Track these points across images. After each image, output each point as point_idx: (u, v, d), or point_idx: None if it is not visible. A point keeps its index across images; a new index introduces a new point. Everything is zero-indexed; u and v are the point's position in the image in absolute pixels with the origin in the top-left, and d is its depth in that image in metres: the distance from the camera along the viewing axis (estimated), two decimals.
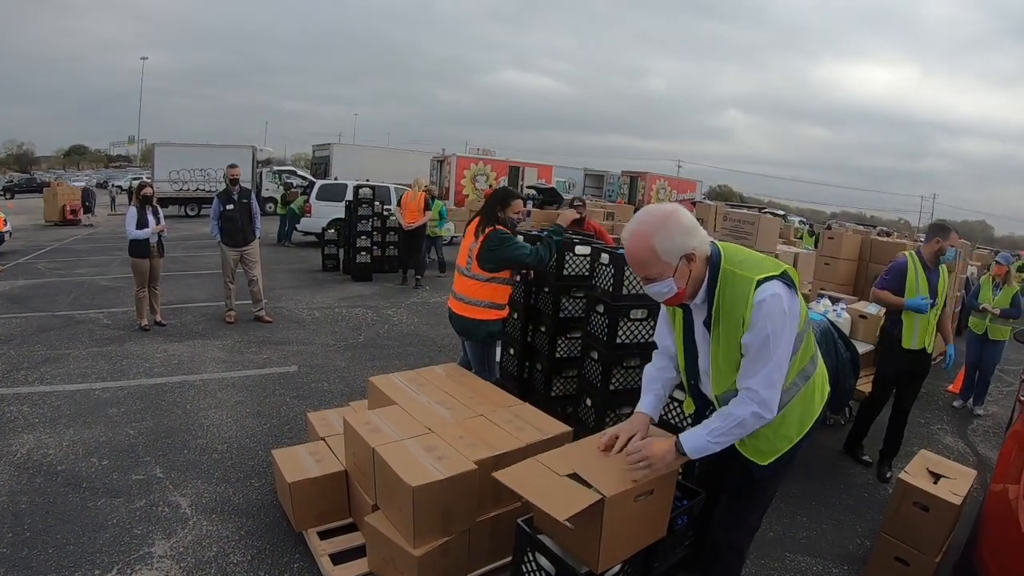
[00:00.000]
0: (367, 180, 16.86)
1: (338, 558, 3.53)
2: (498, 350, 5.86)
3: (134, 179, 35.86)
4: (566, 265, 5.13)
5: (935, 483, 3.86)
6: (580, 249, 5.13)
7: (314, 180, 21.33)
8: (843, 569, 4.09)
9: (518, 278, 5.32)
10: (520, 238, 5.06)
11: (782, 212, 33.29)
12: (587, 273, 5.07)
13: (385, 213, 14.01)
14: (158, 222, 8.13)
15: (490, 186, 26.11)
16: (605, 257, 4.60)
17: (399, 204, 12.65)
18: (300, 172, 30.51)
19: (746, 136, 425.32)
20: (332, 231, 14.41)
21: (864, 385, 6.07)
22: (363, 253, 13.04)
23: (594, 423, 4.63)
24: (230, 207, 8.53)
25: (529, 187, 26.83)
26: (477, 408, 3.85)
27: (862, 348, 5.90)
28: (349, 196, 14.66)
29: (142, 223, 7.95)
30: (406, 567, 3.12)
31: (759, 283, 2.36)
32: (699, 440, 2.50)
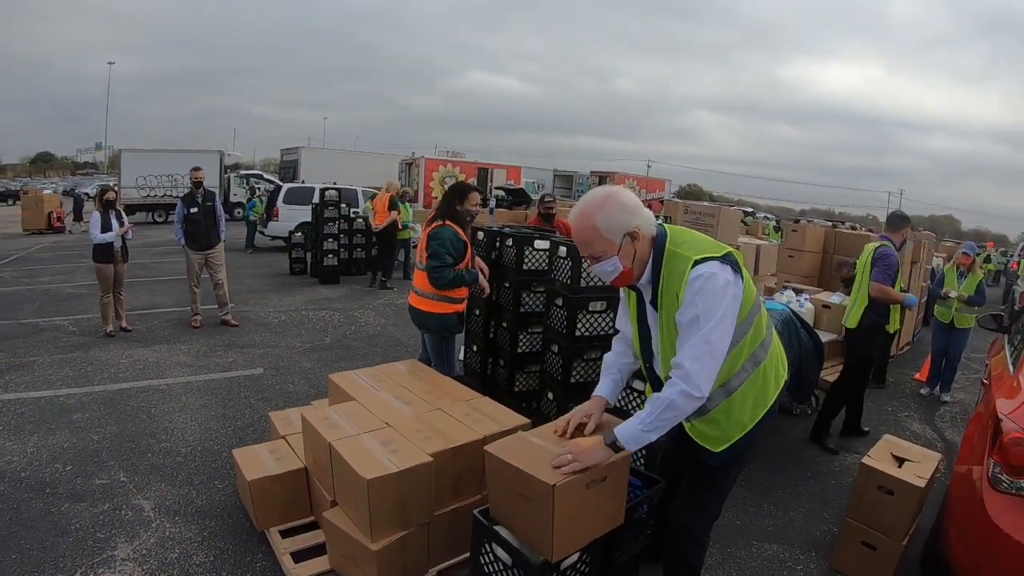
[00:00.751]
0: (334, 183, 16.82)
1: (299, 556, 3.54)
2: (461, 348, 5.91)
3: (101, 186, 35.51)
4: (526, 260, 5.19)
5: (899, 467, 3.91)
6: (539, 243, 5.19)
7: (281, 184, 21.20)
8: (810, 555, 4.14)
9: None
10: (480, 234, 5.15)
11: (751, 210, 33.52)
12: (546, 267, 5.13)
13: (352, 215, 14.00)
14: (122, 225, 8.09)
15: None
16: (563, 250, 4.65)
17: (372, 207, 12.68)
18: (267, 176, 30.33)
19: (716, 136, 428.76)
20: (299, 234, 14.39)
21: (830, 375, 6.22)
22: (330, 256, 13.00)
23: (556, 417, 4.68)
24: (194, 210, 8.49)
25: (498, 188, 26.93)
26: (435, 402, 3.87)
27: (825, 337, 6.03)
28: (317, 199, 14.59)
29: (106, 227, 7.91)
30: (365, 562, 3.13)
31: (696, 263, 2.39)
32: (632, 430, 2.48)
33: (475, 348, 5.84)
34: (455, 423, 3.60)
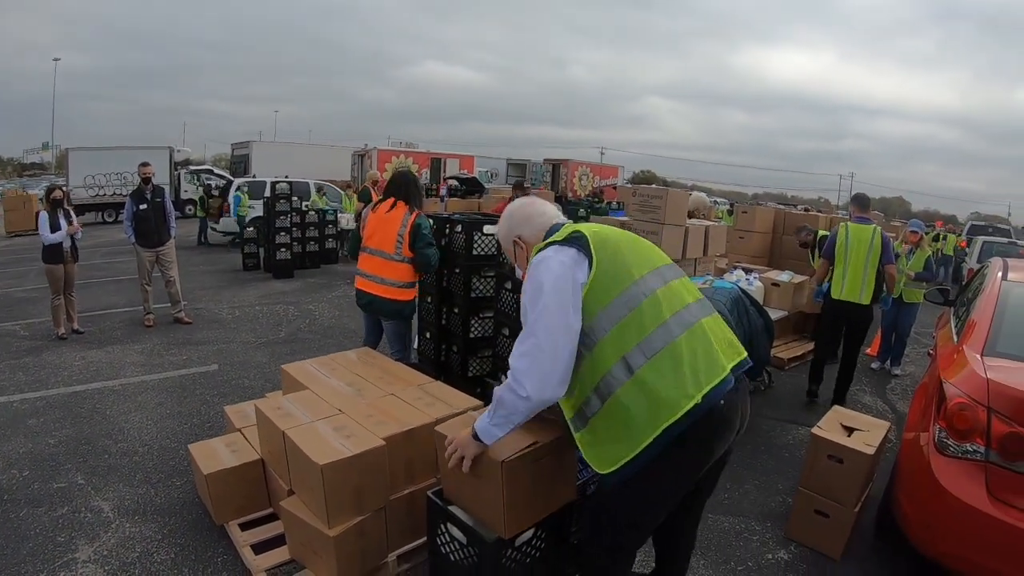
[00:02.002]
0: (286, 177, 16.70)
1: (260, 548, 3.55)
2: (416, 335, 5.97)
3: (48, 185, 34.71)
4: (475, 245, 5.24)
5: (848, 436, 4.03)
6: (488, 228, 5.24)
7: (231, 179, 20.98)
8: (766, 526, 4.26)
9: None
10: (430, 221, 5.22)
11: (703, 195, 33.81)
12: (495, 252, 5.20)
13: (304, 208, 13.99)
14: (70, 224, 7.98)
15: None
16: None
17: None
18: (217, 171, 29.96)
19: (670, 122, 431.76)
20: (251, 229, 14.26)
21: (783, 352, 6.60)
22: (283, 250, 12.93)
23: None
24: (144, 207, 8.40)
25: (450, 178, 26.91)
26: (388, 388, 3.90)
27: (776, 315, 6.21)
28: (268, 194, 14.50)
29: (55, 227, 7.80)
30: (323, 549, 3.17)
31: (538, 251, 2.34)
32: (483, 423, 2.40)
33: (428, 335, 5.89)
34: (407, 407, 3.64)
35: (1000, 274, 4.68)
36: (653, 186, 9.80)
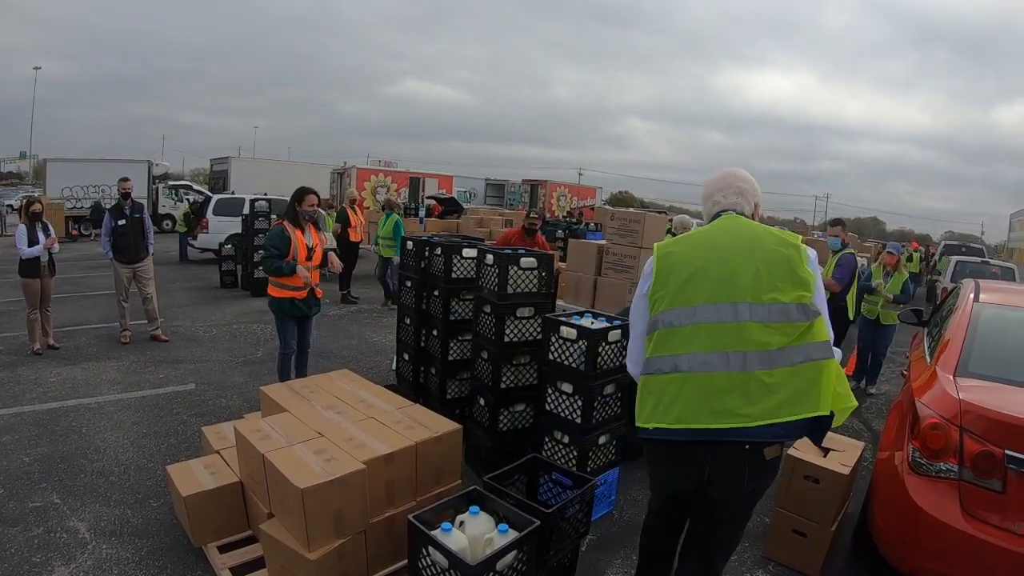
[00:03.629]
0: (264, 194, 16.64)
1: (239, 571, 3.56)
2: (394, 357, 6.01)
3: (26, 197, 34.31)
4: (454, 268, 5.29)
5: (824, 456, 4.08)
6: (467, 252, 5.29)
7: (210, 195, 20.88)
8: (743, 545, 4.28)
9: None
10: (409, 243, 5.28)
11: (686, 216, 34.09)
12: (474, 275, 5.24)
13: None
14: (48, 237, 7.91)
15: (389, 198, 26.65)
16: (490, 258, 4.77)
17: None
18: (196, 187, 29.82)
19: (648, 143, 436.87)
20: (229, 246, 14.19)
21: None
22: (261, 268, 12.67)
23: (488, 422, 4.80)
24: (122, 222, 8.38)
25: (429, 197, 27.02)
26: (367, 411, 3.94)
27: None
28: (247, 211, 14.41)
29: (33, 241, 7.74)
30: (303, 572, 3.18)
31: None
32: None
33: (407, 357, 5.92)
34: (388, 431, 3.68)
35: (972, 295, 4.77)
36: (631, 210, 9.90)
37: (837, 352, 2.55)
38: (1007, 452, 3.14)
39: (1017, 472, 3.13)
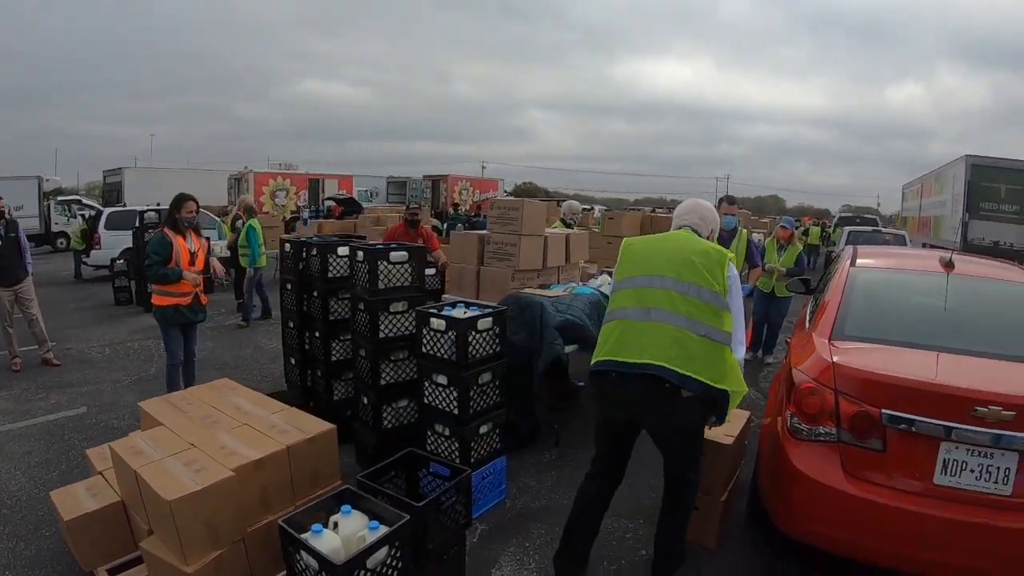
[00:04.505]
0: (158, 204, 16.24)
1: None
2: (286, 363, 6.04)
3: None
4: (330, 268, 5.31)
5: (708, 428, 4.24)
6: (341, 250, 5.30)
7: (101, 208, 20.29)
8: (639, 523, 4.43)
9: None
10: (287, 245, 5.34)
11: (589, 207, 34.51)
12: (349, 273, 5.25)
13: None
14: None
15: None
16: (360, 255, 4.81)
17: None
18: (86, 201, 28.90)
19: (551, 134, 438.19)
20: (121, 261, 13.73)
21: None
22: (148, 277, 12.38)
23: (373, 420, 4.84)
24: None
25: (328, 199, 26.81)
26: (243, 418, 3.91)
27: None
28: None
29: None
30: None
31: None
32: None
33: (293, 361, 5.93)
34: (260, 436, 3.66)
35: (849, 261, 4.90)
36: (510, 199, 10.01)
37: (741, 350, 3.35)
38: (884, 411, 3.23)
39: (896, 430, 3.23)
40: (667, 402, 3.17)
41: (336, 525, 2.95)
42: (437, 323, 4.28)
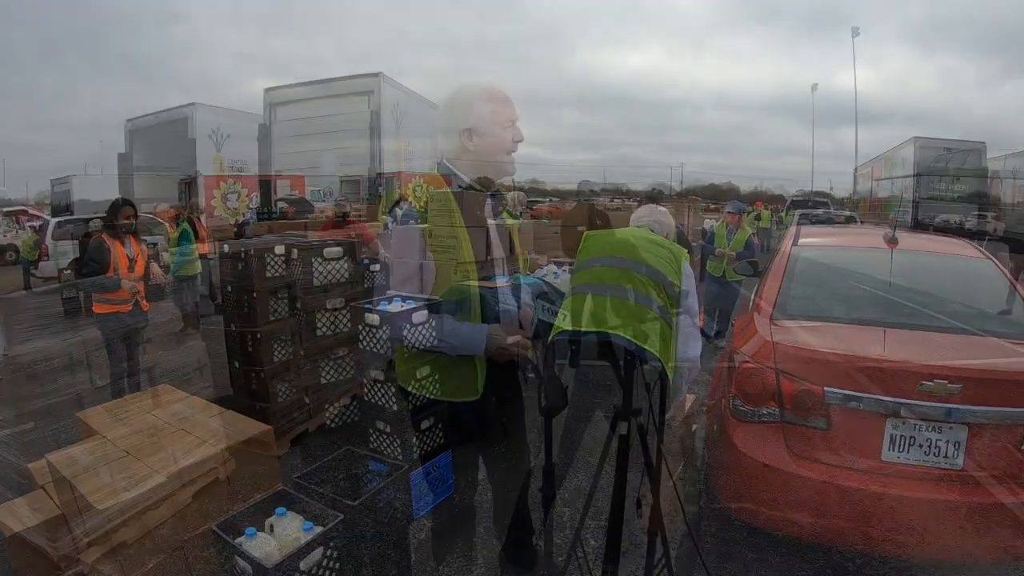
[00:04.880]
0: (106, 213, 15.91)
1: None
2: None
3: None
4: (268, 267, 5.26)
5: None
6: (278, 249, 5.26)
7: (48, 219, 19.93)
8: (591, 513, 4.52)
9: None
10: (225, 246, 5.39)
11: (521, 193, 34.54)
12: (285, 272, 5.23)
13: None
14: None
15: (242, 203, 26.21)
16: (296, 253, 4.80)
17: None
18: (32, 211, 28.39)
19: None
20: (69, 271, 13.54)
21: None
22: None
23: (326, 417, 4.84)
24: None
25: (279, 200, 26.60)
26: (180, 424, 3.88)
27: None
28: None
29: None
30: None
31: None
32: None
33: (237, 364, 5.92)
34: (197, 441, 3.64)
35: (791, 241, 4.89)
36: (446, 189, 10.04)
37: (697, 347, 3.35)
38: (826, 389, 3.22)
39: (840, 407, 3.22)
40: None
41: (272, 528, 2.92)
42: (371, 318, 4.27)
